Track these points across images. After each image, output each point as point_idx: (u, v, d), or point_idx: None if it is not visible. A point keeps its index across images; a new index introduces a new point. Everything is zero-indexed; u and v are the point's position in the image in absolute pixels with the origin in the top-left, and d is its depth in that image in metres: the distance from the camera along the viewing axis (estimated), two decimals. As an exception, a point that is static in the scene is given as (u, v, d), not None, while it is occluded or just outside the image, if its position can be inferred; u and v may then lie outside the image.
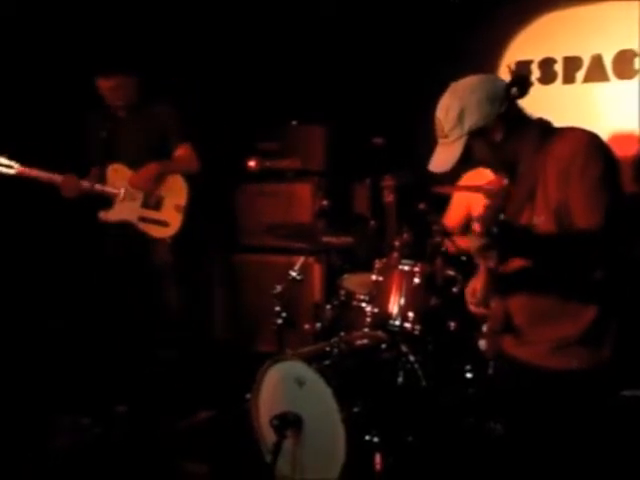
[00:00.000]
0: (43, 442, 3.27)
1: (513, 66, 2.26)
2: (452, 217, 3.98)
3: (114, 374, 3.79)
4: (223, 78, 4.79)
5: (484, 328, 2.54)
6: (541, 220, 2.14)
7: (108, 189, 3.85)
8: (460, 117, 2.18)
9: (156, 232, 3.87)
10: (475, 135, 2.19)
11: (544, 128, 2.26)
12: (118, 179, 3.85)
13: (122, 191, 3.84)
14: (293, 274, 3.49)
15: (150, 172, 3.83)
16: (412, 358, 3.02)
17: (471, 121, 2.17)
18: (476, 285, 2.38)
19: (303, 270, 3.53)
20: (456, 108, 2.20)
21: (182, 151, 3.92)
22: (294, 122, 4.81)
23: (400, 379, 2.97)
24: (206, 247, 4.48)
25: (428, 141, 4.83)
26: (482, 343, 2.51)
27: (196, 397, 3.73)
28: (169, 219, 3.87)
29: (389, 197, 3.76)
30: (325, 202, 4.05)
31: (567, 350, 2.19)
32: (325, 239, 3.62)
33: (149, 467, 3.16)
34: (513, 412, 2.36)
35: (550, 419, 2.25)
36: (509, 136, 2.22)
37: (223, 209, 4.67)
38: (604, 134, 4.13)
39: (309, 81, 4.81)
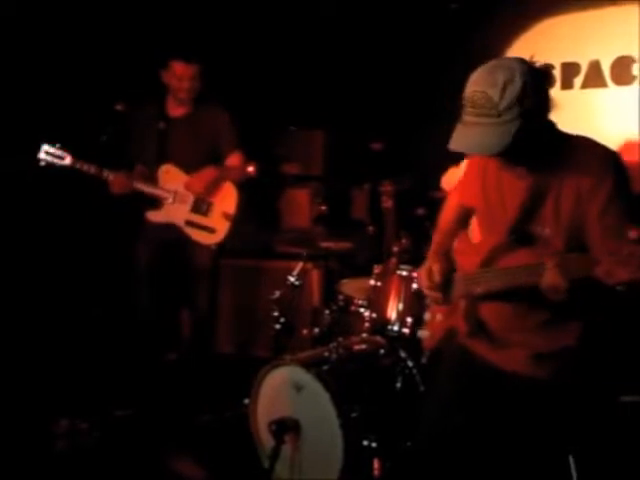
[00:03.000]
0: (41, 446, 3.27)
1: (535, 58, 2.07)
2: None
3: (113, 378, 3.78)
4: (222, 84, 4.79)
5: (426, 317, 2.51)
6: (548, 233, 2.06)
7: (159, 191, 3.78)
8: (521, 94, 1.92)
9: (201, 237, 3.81)
10: (525, 119, 1.93)
11: (561, 134, 2.10)
12: (169, 180, 3.79)
13: (172, 194, 3.78)
14: (292, 279, 3.49)
15: (208, 177, 3.79)
16: (410, 363, 3.02)
17: (531, 101, 1.93)
18: (434, 267, 2.30)
19: (302, 275, 3.54)
20: (518, 83, 1.92)
21: (236, 158, 3.90)
22: (293, 127, 4.82)
23: (398, 384, 2.98)
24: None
25: (427, 147, 4.89)
26: (422, 332, 2.49)
27: (194, 402, 3.72)
28: (216, 226, 3.83)
29: (388, 202, 3.77)
30: (324, 207, 4.06)
31: (542, 361, 2.13)
32: (324, 244, 3.63)
33: (147, 471, 3.16)
34: (478, 411, 2.31)
35: (518, 424, 2.25)
36: (540, 129, 2.02)
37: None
38: (603, 140, 4.19)
39: (308, 87, 4.82)
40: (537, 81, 1.99)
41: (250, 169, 4.37)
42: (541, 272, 1.89)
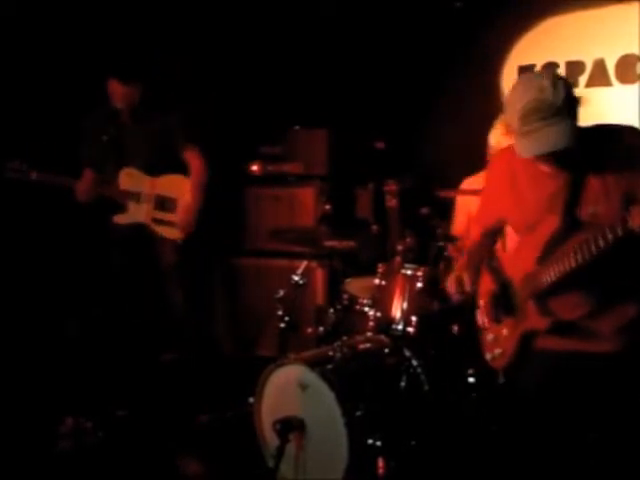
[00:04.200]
0: (46, 445, 3.28)
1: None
2: (457, 225, 4.00)
3: (117, 378, 3.79)
4: (226, 83, 4.80)
5: (489, 338, 2.56)
6: (601, 209, 2.15)
7: (121, 196, 3.90)
8: (567, 91, 2.12)
9: (168, 233, 3.93)
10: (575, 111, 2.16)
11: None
12: (131, 183, 3.89)
13: (136, 195, 3.89)
14: (296, 278, 3.49)
15: (180, 180, 3.92)
16: (415, 362, 3.03)
17: (572, 96, 2.15)
18: (464, 276, 2.46)
19: (306, 274, 3.54)
20: (559, 83, 2.12)
21: (192, 155, 3.95)
22: (297, 126, 4.82)
23: (403, 383, 2.98)
24: (210, 250, 4.48)
25: (431, 145, 4.89)
26: (489, 355, 2.53)
27: (199, 401, 3.73)
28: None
29: (392, 201, 3.77)
30: (328, 206, 4.06)
31: (626, 334, 2.21)
32: (328, 243, 3.62)
33: (151, 470, 3.16)
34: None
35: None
36: None
37: (226, 213, 4.67)
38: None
39: (311, 86, 4.82)
40: (564, 80, 2.17)
41: (254, 168, 4.40)
42: (625, 220, 1.96)
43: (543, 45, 4.45)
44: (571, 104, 2.12)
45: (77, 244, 4.23)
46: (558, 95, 2.10)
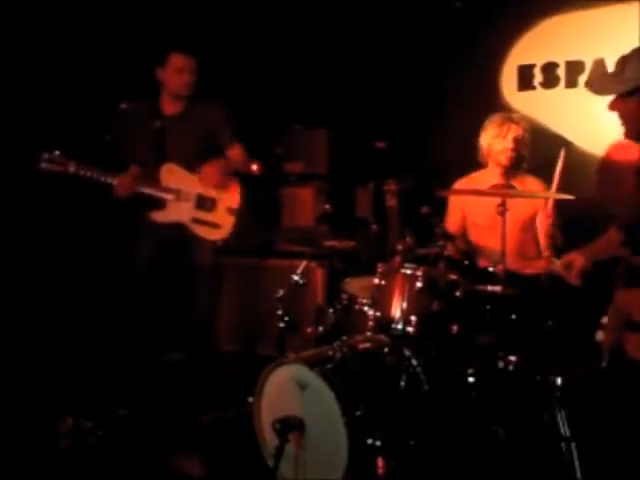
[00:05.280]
0: (46, 444, 3.27)
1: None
2: (451, 223, 4.00)
3: (118, 377, 3.79)
4: (227, 83, 4.79)
5: (604, 320, 2.53)
6: None
7: (163, 192, 3.77)
8: None
9: (207, 234, 3.83)
10: None
11: None
12: (172, 179, 3.78)
13: (176, 193, 3.78)
14: (295, 278, 3.49)
15: (219, 169, 3.81)
16: (414, 362, 3.01)
17: None
18: (576, 260, 2.45)
19: (306, 274, 3.53)
20: None
21: (237, 151, 3.91)
22: (297, 126, 4.81)
23: (402, 383, 2.97)
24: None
25: (431, 145, 4.89)
26: (600, 334, 2.47)
27: (199, 400, 3.73)
28: (222, 221, 3.85)
29: (391, 201, 3.77)
30: (328, 206, 4.06)
31: None
32: (328, 243, 3.62)
33: (151, 470, 3.16)
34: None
35: None
36: None
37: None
38: (606, 139, 4.19)
39: (312, 85, 4.82)
40: None
41: (254, 167, 4.37)
42: None
43: (543, 45, 4.45)
44: None
45: (104, 240, 4.20)
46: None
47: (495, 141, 3.82)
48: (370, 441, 2.69)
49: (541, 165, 3.84)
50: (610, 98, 2.36)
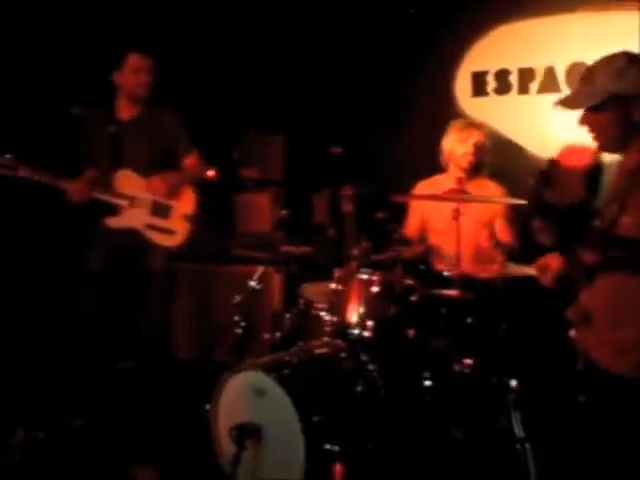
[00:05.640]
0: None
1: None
2: (410, 227, 4.04)
3: (69, 387, 3.71)
4: (183, 88, 4.76)
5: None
6: (629, 221, 2.15)
7: (118, 198, 3.72)
8: (620, 74, 2.16)
9: (163, 240, 3.80)
10: (617, 101, 2.17)
11: None
12: (127, 185, 3.73)
13: (130, 199, 3.73)
14: (252, 284, 3.48)
15: (170, 179, 3.79)
16: (371, 367, 3.02)
17: (627, 83, 2.16)
18: (551, 263, 2.43)
19: (262, 280, 3.52)
20: (619, 63, 2.18)
21: (193, 159, 3.89)
22: (253, 132, 4.80)
23: (360, 388, 2.97)
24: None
25: (386, 151, 4.92)
26: (572, 332, 2.48)
27: (154, 408, 3.68)
28: (177, 228, 3.83)
29: (347, 206, 3.77)
30: (284, 211, 4.05)
31: (628, 355, 2.16)
32: (284, 248, 3.62)
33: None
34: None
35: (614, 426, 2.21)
36: (635, 127, 2.22)
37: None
38: (557, 144, 4.25)
39: (268, 91, 4.82)
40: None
41: (210, 173, 4.34)
42: None
43: (496, 52, 4.52)
44: (620, 91, 2.14)
45: (56, 245, 4.11)
46: (607, 69, 2.17)
47: (456, 145, 3.88)
48: (328, 446, 2.69)
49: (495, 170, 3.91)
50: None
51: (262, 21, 4.82)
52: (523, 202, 3.21)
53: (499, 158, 3.92)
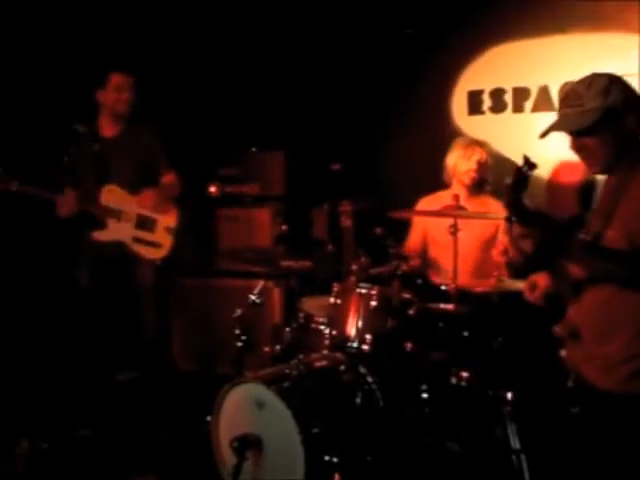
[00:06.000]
0: (2, 467, 3.23)
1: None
2: (412, 241, 4.07)
3: (74, 398, 3.73)
4: (185, 106, 4.80)
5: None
6: (614, 235, 2.15)
7: (103, 213, 3.80)
8: (605, 91, 2.16)
9: (148, 253, 3.89)
10: (607, 120, 2.16)
11: None
12: (113, 200, 3.81)
13: (117, 213, 3.81)
14: (253, 298, 3.49)
15: (156, 195, 3.88)
16: (370, 379, 3.04)
17: (615, 97, 2.16)
18: (539, 281, 2.43)
19: (263, 294, 3.54)
20: (602, 82, 2.18)
21: (171, 177, 4.00)
22: (254, 149, 4.84)
23: (358, 400, 2.99)
24: (168, 270, 4.44)
25: (384, 168, 4.96)
26: (562, 351, 2.48)
27: (157, 419, 3.69)
28: (161, 240, 3.91)
29: (346, 222, 3.81)
30: (284, 227, 4.08)
31: (615, 371, 2.15)
32: (284, 263, 3.63)
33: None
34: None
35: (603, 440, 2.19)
36: (626, 141, 2.22)
37: (184, 234, 4.66)
38: (551, 161, 4.31)
39: (268, 109, 4.85)
40: (625, 88, 2.21)
41: (213, 189, 4.39)
42: None
43: (491, 71, 4.55)
44: (609, 107, 2.15)
45: (46, 257, 4.13)
46: (589, 90, 2.16)
47: (460, 162, 3.91)
48: (327, 457, 2.70)
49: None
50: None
51: (264, 43, 4.86)
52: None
53: (495, 175, 3.95)
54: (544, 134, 2.30)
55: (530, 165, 2.23)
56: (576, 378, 2.30)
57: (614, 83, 2.19)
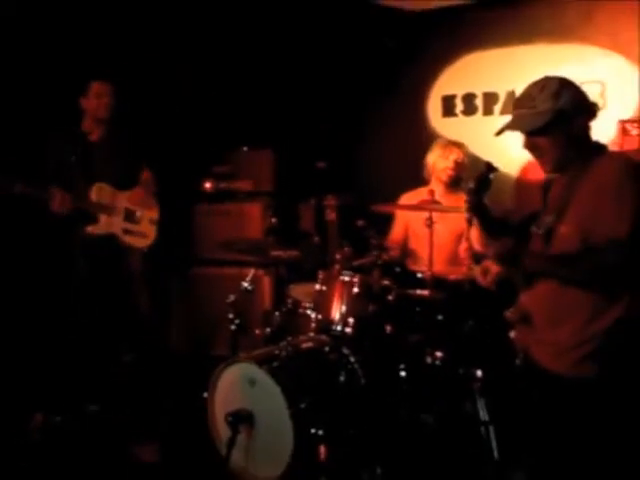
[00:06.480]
0: (18, 438, 3.26)
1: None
2: (395, 233, 4.08)
3: (83, 376, 3.74)
4: (179, 107, 4.78)
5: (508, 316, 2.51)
6: (566, 231, 2.11)
7: (96, 209, 3.82)
8: (557, 94, 2.13)
9: (136, 242, 3.95)
10: (558, 121, 2.13)
11: (595, 149, 2.22)
12: (103, 196, 3.84)
13: (108, 208, 3.84)
14: (245, 285, 3.50)
15: (143, 193, 3.98)
16: (352, 359, 3.06)
17: (566, 100, 2.13)
18: (491, 267, 2.39)
19: (254, 281, 3.54)
20: (554, 86, 2.15)
21: (148, 175, 4.04)
22: (245, 148, 4.83)
23: (342, 378, 3.01)
24: (168, 260, 4.45)
25: (366, 165, 4.97)
26: (512, 333, 2.41)
27: (158, 397, 3.71)
28: (146, 231, 3.99)
29: (331, 215, 3.83)
30: (274, 220, 4.07)
31: (565, 355, 2.12)
32: (274, 253, 3.64)
33: (113, 459, 3.14)
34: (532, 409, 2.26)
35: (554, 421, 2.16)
36: (576, 142, 2.19)
37: (182, 227, 4.66)
38: (519, 160, 4.35)
39: (258, 110, 4.84)
40: (576, 91, 2.18)
41: (207, 185, 4.41)
42: None
43: (463, 78, 4.58)
44: (560, 110, 2.12)
45: (43, 252, 4.11)
46: (542, 93, 2.14)
47: (438, 160, 3.92)
48: (313, 430, 2.72)
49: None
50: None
51: (253, 49, 4.84)
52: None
53: (471, 174, 3.97)
54: (499, 132, 2.29)
55: (491, 169, 2.23)
56: (524, 358, 2.27)
57: (565, 86, 2.16)
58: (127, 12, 4.34)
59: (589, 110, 2.21)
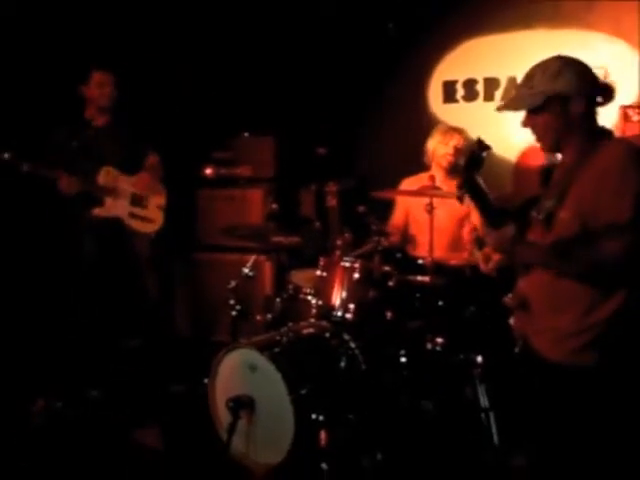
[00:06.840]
0: (20, 422, 3.26)
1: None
2: (396, 219, 4.06)
3: (86, 361, 3.73)
4: (180, 93, 4.74)
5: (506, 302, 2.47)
6: (566, 216, 2.06)
7: (102, 191, 3.83)
8: (557, 74, 2.08)
9: (143, 227, 3.95)
10: (555, 102, 2.10)
11: (600, 134, 2.16)
12: (110, 180, 3.85)
13: (114, 191, 3.85)
14: (246, 271, 3.48)
15: (149, 177, 3.99)
16: (353, 345, 3.04)
17: (565, 81, 2.08)
18: (493, 254, 2.37)
19: (255, 267, 3.53)
20: (555, 66, 2.10)
21: (154, 159, 4.05)
22: (246, 134, 4.80)
23: (342, 364, 2.99)
24: (169, 245, 4.42)
25: (367, 151, 4.93)
26: (512, 320, 2.36)
27: (159, 381, 3.70)
28: (153, 216, 4.00)
29: (332, 201, 3.79)
30: (275, 206, 4.05)
31: (565, 343, 2.08)
32: (275, 239, 3.62)
33: (115, 444, 3.14)
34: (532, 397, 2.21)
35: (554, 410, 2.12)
36: (576, 123, 2.13)
37: (183, 213, 4.62)
38: (518, 146, 4.31)
39: (259, 96, 4.81)
40: (580, 72, 2.12)
41: (208, 171, 4.37)
42: None
43: (464, 63, 4.53)
44: (558, 92, 2.08)
45: (49, 234, 4.09)
46: (544, 74, 2.10)
47: (438, 146, 3.90)
48: (314, 416, 2.71)
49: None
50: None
51: (255, 41, 4.80)
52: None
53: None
54: (499, 109, 2.27)
55: (483, 147, 2.19)
56: (523, 345, 2.24)
57: (567, 66, 2.11)
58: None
59: (594, 92, 2.14)
